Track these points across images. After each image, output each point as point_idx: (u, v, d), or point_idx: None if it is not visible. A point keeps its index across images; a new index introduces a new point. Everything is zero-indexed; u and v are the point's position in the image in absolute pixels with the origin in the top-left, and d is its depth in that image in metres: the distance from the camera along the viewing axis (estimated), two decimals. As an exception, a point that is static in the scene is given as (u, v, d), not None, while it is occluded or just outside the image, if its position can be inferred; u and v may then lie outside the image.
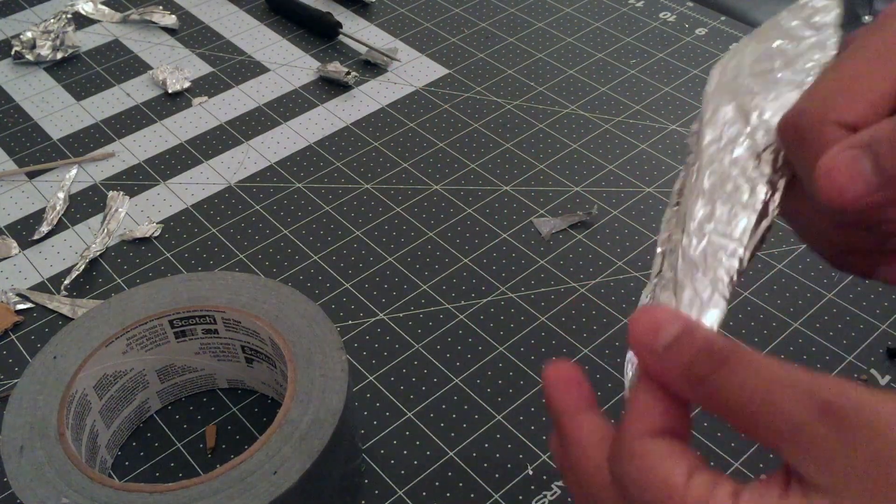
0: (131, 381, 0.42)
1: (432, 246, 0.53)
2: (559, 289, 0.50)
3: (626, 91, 0.64)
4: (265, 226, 0.55)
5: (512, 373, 0.46)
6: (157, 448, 0.43)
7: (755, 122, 0.29)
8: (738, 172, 0.28)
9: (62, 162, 0.60)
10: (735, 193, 0.28)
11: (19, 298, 0.50)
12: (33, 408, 0.38)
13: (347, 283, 0.51)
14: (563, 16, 0.72)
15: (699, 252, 0.28)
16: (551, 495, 0.41)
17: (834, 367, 0.45)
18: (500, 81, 0.66)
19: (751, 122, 0.29)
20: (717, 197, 0.28)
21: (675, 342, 0.23)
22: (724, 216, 0.28)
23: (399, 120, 0.62)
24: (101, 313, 0.42)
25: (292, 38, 0.71)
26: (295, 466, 0.35)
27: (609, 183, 0.57)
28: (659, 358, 0.23)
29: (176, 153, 0.61)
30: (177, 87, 0.66)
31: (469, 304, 0.50)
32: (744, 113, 0.29)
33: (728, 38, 0.69)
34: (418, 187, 0.57)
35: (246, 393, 0.45)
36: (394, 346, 0.47)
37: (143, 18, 0.73)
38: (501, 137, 0.61)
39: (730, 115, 0.29)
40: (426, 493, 0.41)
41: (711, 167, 0.29)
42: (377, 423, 0.44)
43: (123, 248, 0.54)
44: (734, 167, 0.29)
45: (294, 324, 0.41)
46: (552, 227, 0.54)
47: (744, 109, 0.29)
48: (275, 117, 0.63)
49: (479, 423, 0.44)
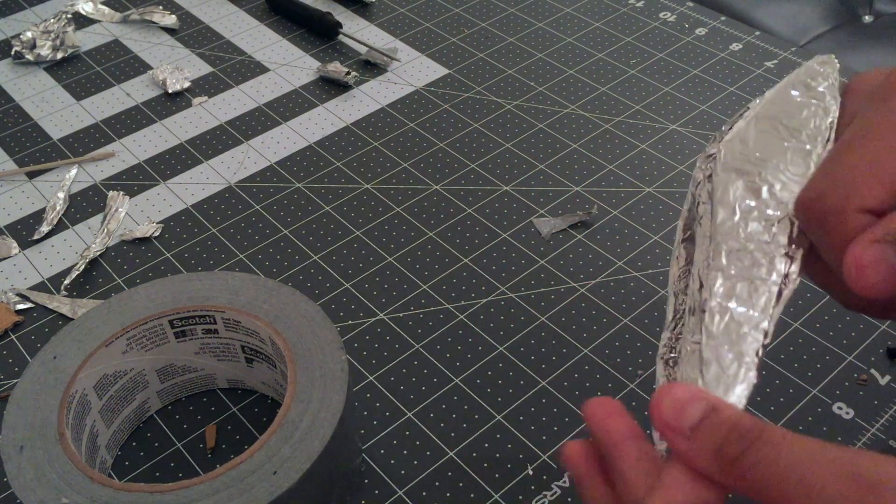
0: (131, 381, 0.42)
1: (432, 246, 0.53)
2: (559, 289, 0.50)
3: (626, 91, 0.64)
4: (265, 226, 0.55)
5: (512, 373, 0.46)
6: (157, 448, 0.43)
7: (766, 195, 0.29)
8: (754, 247, 0.29)
9: (62, 162, 0.60)
10: (753, 268, 0.28)
11: (19, 298, 0.50)
12: (33, 408, 0.38)
13: (347, 283, 0.51)
14: (563, 16, 0.72)
15: (722, 328, 0.28)
16: (551, 495, 0.41)
17: (834, 367, 0.45)
18: (500, 81, 0.66)
19: (762, 196, 0.29)
20: (735, 273, 0.28)
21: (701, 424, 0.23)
22: (745, 292, 0.28)
23: (399, 120, 0.62)
24: (101, 313, 0.42)
25: (292, 38, 0.71)
26: (295, 466, 0.35)
27: (609, 183, 0.57)
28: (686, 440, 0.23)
29: (176, 153, 0.61)
30: (177, 87, 0.66)
31: (469, 304, 0.50)
32: (754, 188, 0.29)
33: (728, 37, 0.69)
34: (418, 187, 0.57)
35: (246, 393, 0.45)
36: (394, 346, 0.47)
37: (143, 18, 0.73)
38: (501, 137, 0.61)
39: (740, 192, 0.30)
40: (426, 493, 0.41)
41: (727, 243, 0.29)
42: (377, 423, 0.44)
43: (123, 248, 0.54)
44: (750, 242, 0.29)
45: (294, 324, 0.41)
46: (552, 227, 0.54)
47: (753, 184, 0.30)
48: (275, 117, 0.63)
49: (479, 423, 0.44)
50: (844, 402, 0.44)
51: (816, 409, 0.44)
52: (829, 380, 0.45)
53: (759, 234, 0.29)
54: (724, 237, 0.29)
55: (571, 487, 0.41)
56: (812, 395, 0.44)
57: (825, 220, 0.27)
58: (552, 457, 0.42)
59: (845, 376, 0.45)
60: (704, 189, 0.31)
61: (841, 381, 0.45)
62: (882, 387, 0.45)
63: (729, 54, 0.67)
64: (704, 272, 0.29)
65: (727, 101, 0.63)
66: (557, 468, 0.42)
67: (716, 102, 0.63)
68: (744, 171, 0.30)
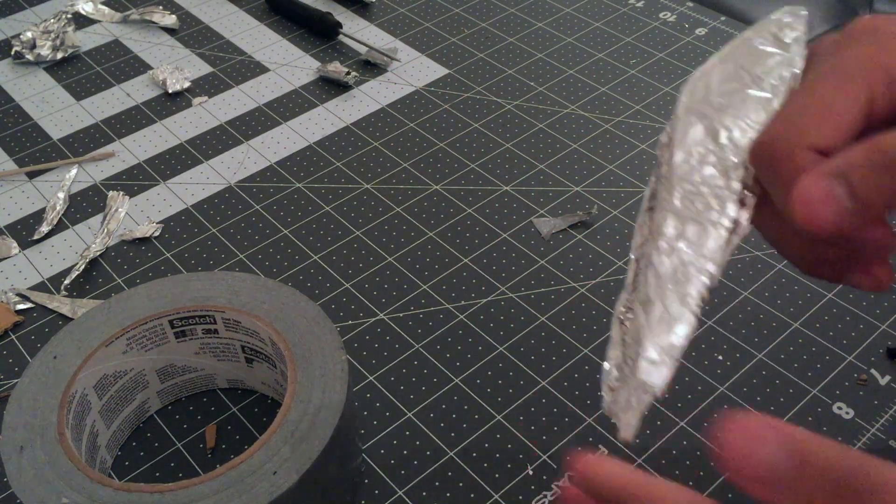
0: (131, 381, 0.42)
1: (432, 246, 0.53)
2: (559, 289, 0.50)
3: (626, 91, 0.64)
4: (265, 226, 0.55)
5: (512, 373, 0.46)
6: (157, 448, 0.43)
7: (724, 141, 0.29)
8: (708, 190, 0.29)
9: (62, 162, 0.60)
10: (705, 211, 0.28)
11: (19, 298, 0.50)
12: (33, 408, 0.38)
13: (347, 283, 0.51)
14: (563, 16, 0.72)
15: (669, 269, 0.28)
16: (551, 495, 0.41)
17: (834, 367, 0.45)
18: (500, 81, 0.66)
19: (720, 141, 0.29)
20: (687, 215, 0.29)
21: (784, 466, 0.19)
22: (695, 234, 0.28)
23: (399, 120, 0.62)
24: (101, 313, 0.42)
25: (292, 38, 0.71)
26: (295, 466, 0.35)
27: (609, 183, 0.57)
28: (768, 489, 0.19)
29: (176, 153, 0.61)
30: (177, 87, 0.66)
31: (469, 304, 0.50)
32: (713, 132, 0.30)
33: (728, 38, 0.69)
34: (418, 187, 0.57)
35: (246, 393, 0.45)
36: (394, 346, 0.47)
37: (143, 18, 0.73)
38: (501, 137, 0.61)
39: (699, 136, 0.30)
40: (426, 493, 0.41)
41: (682, 185, 0.29)
42: (377, 423, 0.44)
43: (123, 248, 0.54)
44: (704, 185, 0.29)
45: (294, 324, 0.41)
46: (552, 227, 0.54)
47: (713, 129, 0.30)
48: (275, 117, 0.63)
49: (479, 423, 0.44)
50: (844, 402, 0.44)
51: (816, 409, 0.44)
52: (829, 380, 0.45)
53: (714, 178, 0.29)
54: (680, 179, 0.29)
55: (571, 487, 0.41)
56: (812, 395, 0.44)
57: (776, 161, 0.27)
58: (552, 457, 0.42)
59: (845, 376, 0.45)
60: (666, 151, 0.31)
61: (841, 381, 0.45)
62: (882, 387, 0.45)
63: (729, 54, 0.67)
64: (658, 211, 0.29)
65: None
66: (557, 468, 0.42)
67: (716, 102, 0.63)
68: (704, 114, 0.30)
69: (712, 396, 0.44)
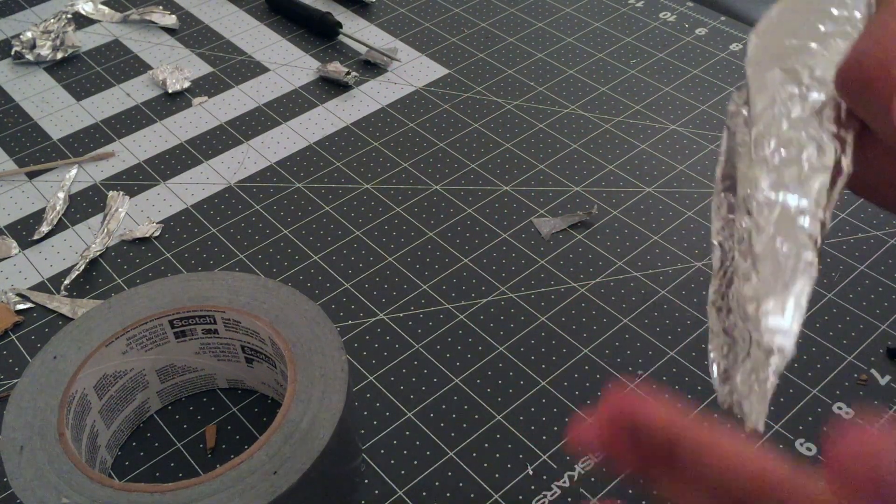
0: (131, 381, 0.42)
1: (432, 246, 0.53)
2: (559, 289, 0.50)
3: (626, 91, 0.64)
4: (265, 226, 0.55)
5: (512, 373, 0.46)
6: (157, 448, 0.43)
7: (807, 80, 0.27)
8: (799, 135, 0.26)
9: (62, 162, 0.60)
10: (802, 155, 0.26)
11: (19, 298, 0.50)
12: (33, 408, 0.38)
13: (347, 283, 0.51)
14: (563, 16, 0.72)
15: (774, 220, 0.25)
16: (551, 495, 0.41)
17: (834, 367, 0.45)
18: (500, 81, 0.66)
19: (803, 81, 0.27)
20: (782, 163, 0.26)
21: None
22: (795, 180, 0.26)
23: (399, 120, 0.62)
24: (101, 313, 0.42)
25: (292, 38, 0.71)
26: (295, 466, 0.35)
27: (609, 183, 0.57)
28: None
29: (176, 153, 0.61)
30: (177, 87, 0.66)
31: (469, 304, 0.50)
32: (793, 73, 0.27)
33: (728, 37, 0.69)
34: (418, 187, 0.57)
35: (246, 393, 0.45)
36: (394, 346, 0.47)
37: (143, 18, 0.73)
38: (501, 137, 0.61)
39: (779, 78, 0.27)
40: (426, 493, 0.41)
41: (770, 133, 0.27)
42: (377, 423, 0.44)
43: (123, 248, 0.54)
44: (795, 129, 0.26)
45: (294, 324, 0.41)
46: (552, 227, 0.54)
47: (793, 70, 0.27)
48: (275, 117, 0.63)
49: (479, 423, 0.44)
50: (844, 402, 0.44)
51: (816, 409, 0.44)
52: (829, 380, 0.45)
53: (805, 119, 0.26)
54: (766, 128, 0.27)
55: (571, 488, 0.41)
56: (812, 395, 0.44)
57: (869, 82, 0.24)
58: (552, 457, 0.42)
59: (845, 376, 0.45)
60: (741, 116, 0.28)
61: (841, 381, 0.45)
62: (882, 387, 0.45)
63: (729, 54, 0.67)
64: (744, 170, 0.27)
65: (727, 101, 0.63)
66: (557, 468, 0.42)
67: (716, 102, 0.63)
68: (780, 58, 0.28)
69: (712, 396, 0.44)
